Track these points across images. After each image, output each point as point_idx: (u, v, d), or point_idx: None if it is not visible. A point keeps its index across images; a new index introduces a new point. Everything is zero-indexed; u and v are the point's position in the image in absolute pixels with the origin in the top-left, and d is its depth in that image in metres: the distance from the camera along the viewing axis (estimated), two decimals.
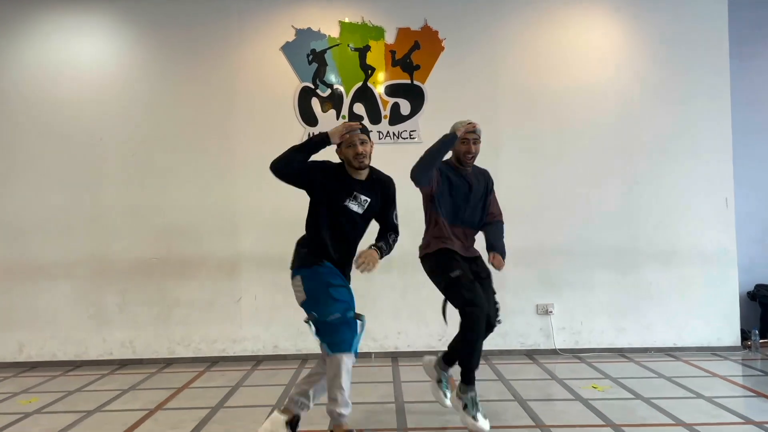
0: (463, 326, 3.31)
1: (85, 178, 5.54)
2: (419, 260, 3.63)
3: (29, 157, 5.55)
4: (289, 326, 5.47)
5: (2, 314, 5.49)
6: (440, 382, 3.67)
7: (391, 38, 5.57)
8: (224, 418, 3.83)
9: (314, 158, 3.18)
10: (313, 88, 5.55)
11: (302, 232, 5.36)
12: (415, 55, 5.55)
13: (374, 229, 3.37)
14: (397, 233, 3.30)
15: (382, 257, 3.11)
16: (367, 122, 5.53)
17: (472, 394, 3.32)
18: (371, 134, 5.57)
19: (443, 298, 3.53)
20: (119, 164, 5.56)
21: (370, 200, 3.18)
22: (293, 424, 3.13)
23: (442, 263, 3.44)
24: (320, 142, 3.13)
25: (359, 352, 3.11)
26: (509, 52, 5.60)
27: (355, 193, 3.14)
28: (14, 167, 5.55)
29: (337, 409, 2.97)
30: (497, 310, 3.55)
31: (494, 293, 3.58)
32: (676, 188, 5.54)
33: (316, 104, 5.56)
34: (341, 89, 5.56)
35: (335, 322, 2.96)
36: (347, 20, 5.57)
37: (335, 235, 3.14)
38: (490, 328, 3.45)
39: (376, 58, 5.56)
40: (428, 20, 5.56)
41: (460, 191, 3.52)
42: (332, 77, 5.56)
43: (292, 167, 3.11)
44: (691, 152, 5.55)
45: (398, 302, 5.51)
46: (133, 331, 5.51)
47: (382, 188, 3.25)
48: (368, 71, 5.56)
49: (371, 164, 3.24)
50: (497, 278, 3.69)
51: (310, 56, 5.55)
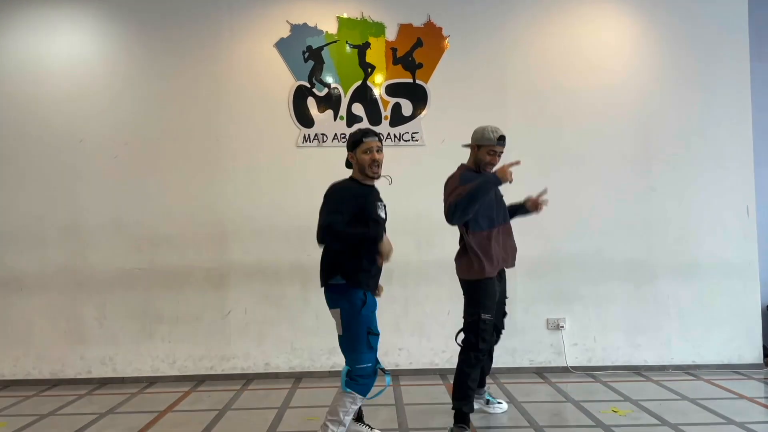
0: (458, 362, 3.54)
1: (62, 182, 5.17)
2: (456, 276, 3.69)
3: (3, 158, 5.17)
4: (281, 342, 5.11)
5: None
6: (488, 402, 3.97)
7: (392, 35, 5.24)
8: None
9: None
10: (309, 87, 5.21)
11: (298, 242, 5.07)
12: (417, 52, 5.23)
13: None
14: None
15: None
16: (366, 123, 5.20)
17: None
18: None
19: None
20: (100, 168, 5.18)
21: (385, 205, 3.31)
22: None
23: (482, 298, 3.50)
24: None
25: None
26: (517, 50, 5.28)
27: (380, 203, 3.25)
28: None
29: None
30: (505, 314, 3.83)
31: (506, 297, 3.81)
32: (694, 196, 5.23)
33: (312, 104, 5.22)
34: (339, 88, 5.22)
35: (367, 371, 3.07)
36: (346, 15, 5.24)
37: (376, 248, 3.15)
38: (497, 333, 3.77)
39: (376, 55, 5.23)
40: (431, 16, 5.24)
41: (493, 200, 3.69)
42: (329, 76, 5.23)
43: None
44: (709, 157, 5.24)
45: (399, 316, 5.16)
46: (113, 347, 5.12)
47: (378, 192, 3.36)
48: (368, 70, 5.23)
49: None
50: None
51: (306, 53, 5.21)
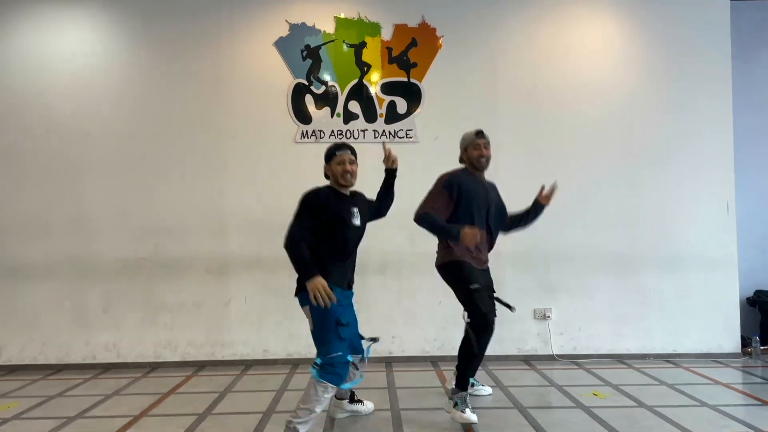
0: (473, 335, 3.59)
1: (69, 175, 5.35)
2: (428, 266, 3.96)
3: (11, 151, 5.35)
4: (279, 330, 5.31)
5: None
6: (473, 385, 4.01)
7: (387, 35, 5.44)
8: (212, 425, 3.65)
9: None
10: (307, 84, 5.41)
11: None
12: (412, 52, 5.43)
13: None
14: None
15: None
16: (362, 120, 5.40)
17: (463, 393, 3.62)
18: (366, 133, 5.48)
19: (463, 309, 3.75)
20: (105, 160, 5.37)
21: (359, 210, 3.42)
22: None
23: (461, 273, 3.69)
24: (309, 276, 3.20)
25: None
26: (509, 50, 5.48)
27: (352, 209, 3.36)
28: None
29: (296, 424, 3.14)
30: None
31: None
32: (676, 192, 5.45)
33: (310, 101, 5.41)
34: (336, 86, 5.42)
35: (337, 360, 3.16)
36: (343, 15, 5.43)
37: (347, 253, 3.36)
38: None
39: (372, 54, 5.42)
40: (426, 17, 5.43)
41: (480, 197, 3.79)
42: (327, 74, 5.42)
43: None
44: (692, 155, 5.46)
45: (393, 306, 5.36)
46: (117, 334, 5.32)
47: (362, 198, 3.55)
48: (364, 68, 5.43)
49: (370, 184, 3.67)
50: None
51: (304, 52, 5.41)
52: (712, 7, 5.50)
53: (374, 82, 5.43)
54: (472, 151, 3.83)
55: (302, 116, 5.41)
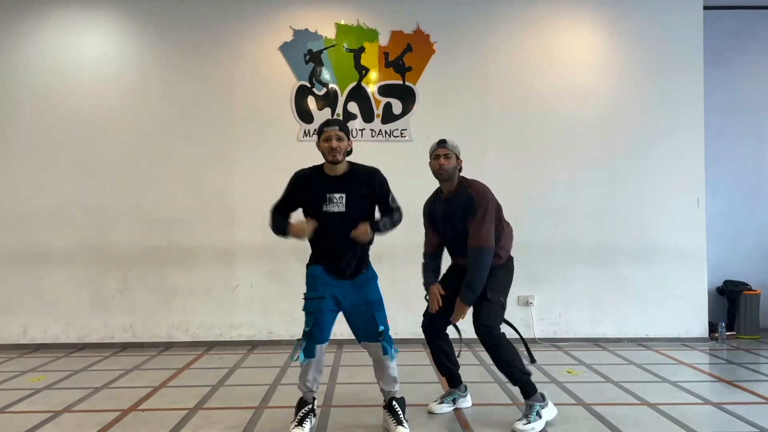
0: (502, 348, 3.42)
1: (87, 168, 5.77)
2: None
3: (34, 147, 5.76)
4: (283, 314, 5.75)
5: (7, 298, 5.71)
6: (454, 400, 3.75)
7: (384, 40, 5.84)
8: (225, 395, 4.10)
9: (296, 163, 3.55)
10: (309, 86, 5.81)
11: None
12: (407, 57, 5.83)
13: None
14: (399, 211, 3.39)
15: (377, 230, 3.27)
16: (360, 120, 5.82)
17: (530, 401, 3.40)
18: (364, 132, 5.87)
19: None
20: (121, 156, 5.79)
21: (345, 195, 3.23)
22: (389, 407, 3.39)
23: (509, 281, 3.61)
24: (280, 233, 3.30)
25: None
26: (497, 56, 5.89)
27: (327, 195, 3.23)
28: (20, 157, 5.76)
29: (302, 389, 3.36)
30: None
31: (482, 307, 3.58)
32: (651, 189, 5.88)
33: (312, 102, 5.82)
34: (336, 88, 5.82)
35: (303, 332, 3.27)
36: (343, 22, 5.83)
37: (325, 238, 3.24)
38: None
39: (370, 59, 5.83)
40: (420, 24, 5.84)
41: (438, 220, 3.66)
42: (328, 77, 5.83)
43: (279, 226, 3.34)
44: (665, 155, 5.88)
45: (388, 293, 5.66)
46: (133, 315, 5.75)
47: (364, 180, 3.31)
48: (362, 71, 5.83)
49: (357, 161, 3.39)
50: None
51: (307, 56, 5.81)
52: (686, 16, 5.90)
53: (372, 84, 5.84)
54: (432, 161, 3.60)
55: (305, 116, 5.82)
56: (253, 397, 4.02)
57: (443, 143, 3.59)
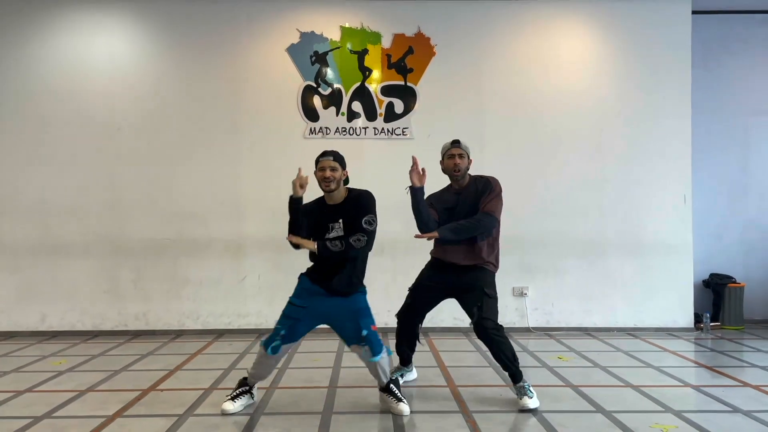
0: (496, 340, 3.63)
1: (103, 164, 6.04)
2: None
3: (53, 144, 6.03)
4: None
5: (26, 288, 5.99)
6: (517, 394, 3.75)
7: (387, 43, 6.10)
8: (237, 376, 4.32)
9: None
10: (315, 86, 6.08)
11: None
12: (408, 58, 6.10)
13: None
14: (364, 234, 3.44)
15: (321, 250, 3.40)
16: (363, 119, 6.09)
17: (522, 383, 3.65)
18: (367, 130, 6.14)
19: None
20: (135, 152, 6.06)
21: (342, 220, 3.45)
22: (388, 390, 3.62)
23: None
24: (290, 204, 3.52)
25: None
26: (494, 58, 6.16)
27: (330, 225, 3.47)
28: (39, 154, 6.03)
29: (250, 377, 3.72)
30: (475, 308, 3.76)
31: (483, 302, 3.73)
32: (640, 186, 6.15)
33: (317, 101, 6.09)
34: (341, 88, 6.09)
35: (275, 328, 3.57)
36: (347, 25, 6.10)
37: (321, 261, 3.50)
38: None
39: (373, 60, 6.10)
40: (421, 27, 6.10)
41: (447, 210, 3.80)
42: (333, 77, 6.09)
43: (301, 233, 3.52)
44: (654, 153, 6.16)
45: (389, 284, 6.07)
46: (146, 305, 6.03)
47: (358, 204, 3.48)
48: (366, 72, 6.10)
49: (367, 178, 3.69)
50: None
51: (312, 57, 6.07)
52: (675, 20, 6.17)
53: (375, 84, 6.11)
54: (446, 160, 3.84)
55: (310, 114, 6.09)
56: (264, 379, 4.30)
57: (457, 143, 3.81)
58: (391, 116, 6.11)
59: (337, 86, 6.09)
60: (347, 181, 3.58)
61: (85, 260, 6.01)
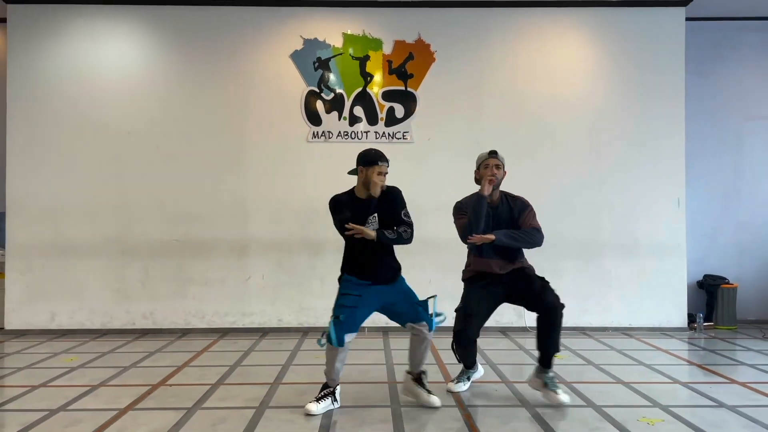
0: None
1: (113, 167, 6.21)
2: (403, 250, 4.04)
3: (64, 147, 6.21)
4: (292, 302, 6.19)
5: (37, 287, 6.16)
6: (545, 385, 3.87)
7: (388, 49, 6.27)
8: (242, 372, 4.55)
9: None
10: (318, 91, 6.25)
11: (306, 220, 6.14)
12: (409, 64, 6.26)
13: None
14: (408, 226, 3.65)
15: (380, 237, 3.54)
16: (365, 123, 6.25)
17: (550, 374, 3.83)
18: (368, 134, 6.30)
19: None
20: (144, 156, 6.23)
21: (377, 215, 3.61)
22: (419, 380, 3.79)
23: (463, 294, 4.04)
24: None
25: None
26: (493, 64, 6.32)
27: (366, 218, 3.61)
28: (50, 157, 6.21)
29: (327, 375, 3.71)
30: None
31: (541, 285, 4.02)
32: (635, 189, 6.30)
33: (320, 106, 6.25)
34: (343, 93, 6.26)
35: (334, 322, 3.58)
36: (350, 32, 6.26)
37: (361, 252, 3.61)
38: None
39: (374, 66, 6.26)
40: (422, 34, 6.26)
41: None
42: (335, 82, 6.26)
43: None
44: (648, 157, 6.31)
45: None
46: (153, 304, 6.20)
47: (389, 199, 3.66)
48: (367, 78, 6.26)
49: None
50: None
51: (315, 63, 6.24)
52: (669, 27, 6.32)
53: (376, 89, 6.27)
54: (483, 170, 3.91)
55: (313, 119, 6.25)
56: (267, 375, 4.47)
57: (495, 154, 3.91)
58: (391, 120, 6.26)
59: (339, 91, 6.25)
60: None
61: (94, 261, 6.18)
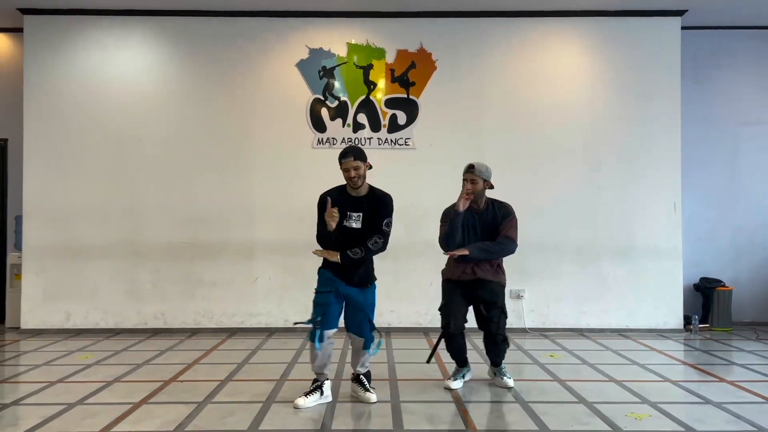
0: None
1: (124, 172, 6.43)
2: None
3: (77, 152, 6.43)
4: (297, 303, 6.36)
5: (52, 288, 6.38)
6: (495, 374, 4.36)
7: (391, 58, 6.46)
8: (250, 370, 4.75)
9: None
10: (323, 99, 6.45)
11: (311, 223, 6.30)
12: (411, 73, 6.45)
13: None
14: (381, 236, 3.82)
15: (344, 260, 3.77)
16: (368, 130, 6.44)
17: (501, 367, 4.32)
18: (371, 141, 6.49)
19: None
20: (154, 161, 6.44)
21: (362, 214, 3.78)
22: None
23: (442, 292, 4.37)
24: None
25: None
26: (493, 72, 6.50)
27: (348, 213, 3.80)
28: (65, 162, 6.43)
29: (315, 371, 3.95)
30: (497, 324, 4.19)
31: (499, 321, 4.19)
32: (632, 193, 6.46)
33: (325, 113, 6.45)
34: (347, 101, 6.45)
35: (314, 324, 3.85)
36: (354, 42, 6.46)
37: (340, 245, 3.80)
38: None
39: (377, 74, 6.46)
40: (424, 43, 6.46)
41: (468, 228, 4.21)
42: (339, 90, 6.46)
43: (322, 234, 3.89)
44: (645, 163, 6.47)
45: (391, 285, 6.41)
46: (163, 304, 6.41)
47: (376, 203, 3.83)
48: (371, 86, 6.46)
49: (373, 185, 3.91)
50: None
51: (321, 72, 6.44)
52: (665, 36, 6.49)
53: (379, 97, 6.47)
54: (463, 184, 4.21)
55: (318, 125, 6.45)
56: (274, 372, 4.66)
57: (471, 169, 4.18)
58: (394, 127, 6.46)
59: (343, 99, 6.45)
60: (371, 168, 3.86)
61: (106, 262, 6.40)
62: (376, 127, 6.46)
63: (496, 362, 4.33)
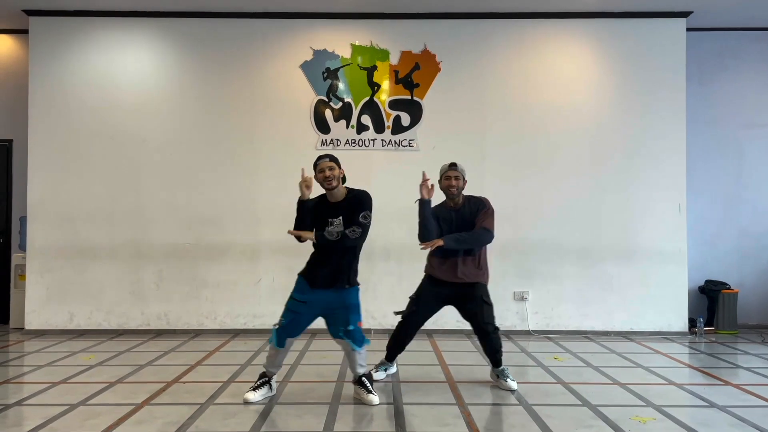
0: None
1: (129, 173, 6.45)
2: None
3: (82, 153, 6.45)
4: None
5: (56, 289, 6.40)
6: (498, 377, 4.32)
7: (395, 59, 6.46)
8: (252, 371, 4.73)
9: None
10: (326, 101, 6.45)
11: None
12: (415, 74, 6.45)
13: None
14: (360, 227, 3.77)
15: (320, 240, 3.79)
16: (372, 131, 6.44)
17: (502, 367, 4.30)
18: (375, 142, 6.48)
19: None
20: (159, 162, 6.46)
21: (342, 217, 3.78)
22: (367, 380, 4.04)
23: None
24: (299, 206, 3.90)
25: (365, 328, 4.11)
26: (497, 74, 6.49)
27: (330, 220, 3.80)
28: (69, 163, 6.45)
29: (266, 368, 4.08)
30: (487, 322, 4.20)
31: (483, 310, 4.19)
32: (636, 196, 6.44)
33: (329, 114, 6.45)
34: (351, 102, 6.45)
35: (280, 323, 3.95)
36: (358, 43, 6.46)
37: (324, 255, 3.86)
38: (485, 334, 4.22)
39: (381, 76, 6.46)
40: (428, 45, 6.45)
41: (446, 224, 4.25)
42: (343, 92, 6.46)
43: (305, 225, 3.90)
44: (649, 164, 6.44)
45: (395, 287, 6.40)
46: (167, 305, 6.42)
47: (353, 202, 3.82)
48: (374, 87, 6.46)
49: (375, 186, 4.00)
50: None
51: (325, 73, 6.44)
52: (670, 38, 6.47)
53: (383, 98, 6.46)
54: (443, 181, 4.27)
55: (322, 127, 6.45)
56: (278, 374, 4.64)
57: (454, 166, 4.25)
58: (398, 129, 6.45)
59: (347, 100, 6.45)
60: (344, 179, 3.90)
61: (110, 263, 6.41)
62: (380, 128, 6.45)
63: (495, 361, 4.29)
